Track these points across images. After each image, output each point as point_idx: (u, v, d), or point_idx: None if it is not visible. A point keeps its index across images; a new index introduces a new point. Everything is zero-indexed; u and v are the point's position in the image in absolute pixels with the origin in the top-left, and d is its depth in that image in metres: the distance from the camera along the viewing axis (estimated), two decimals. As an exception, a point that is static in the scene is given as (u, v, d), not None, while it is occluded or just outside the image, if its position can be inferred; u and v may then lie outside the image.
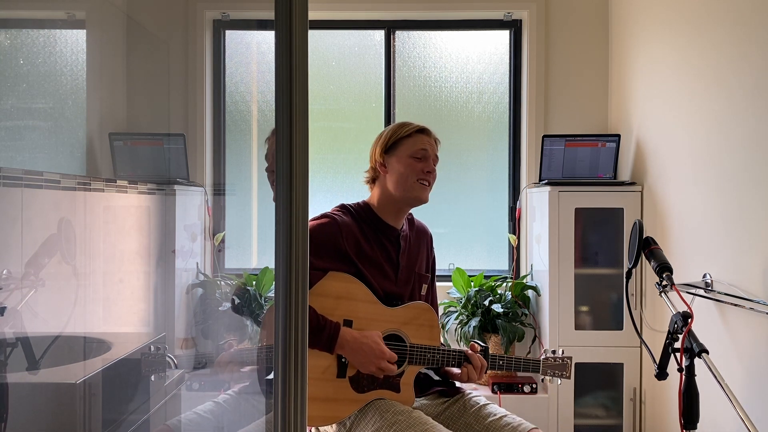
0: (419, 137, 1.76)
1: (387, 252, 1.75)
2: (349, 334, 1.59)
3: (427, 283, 1.87)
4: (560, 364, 1.81)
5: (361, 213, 1.77)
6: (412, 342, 1.70)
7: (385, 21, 3.16)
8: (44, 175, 1.50)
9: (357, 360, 1.60)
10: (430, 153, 1.76)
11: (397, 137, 1.75)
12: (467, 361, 1.73)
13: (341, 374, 1.62)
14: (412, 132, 1.76)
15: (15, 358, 1.35)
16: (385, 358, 1.60)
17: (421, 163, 1.74)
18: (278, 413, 0.70)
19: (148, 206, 2.10)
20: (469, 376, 1.72)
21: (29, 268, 1.41)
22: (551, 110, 3.06)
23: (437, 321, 1.76)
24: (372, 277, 1.69)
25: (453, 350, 1.74)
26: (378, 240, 1.74)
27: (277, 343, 0.70)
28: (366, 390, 1.64)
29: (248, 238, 2.79)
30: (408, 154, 1.74)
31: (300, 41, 0.70)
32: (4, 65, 1.62)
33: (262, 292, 2.68)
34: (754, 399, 1.81)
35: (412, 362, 1.69)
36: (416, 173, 1.73)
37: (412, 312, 1.73)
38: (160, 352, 1.51)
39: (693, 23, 2.24)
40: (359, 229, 1.72)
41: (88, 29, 1.90)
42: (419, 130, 1.77)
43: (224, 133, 3.10)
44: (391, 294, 1.74)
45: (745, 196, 1.88)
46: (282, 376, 0.70)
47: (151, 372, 1.50)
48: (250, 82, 3.16)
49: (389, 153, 1.75)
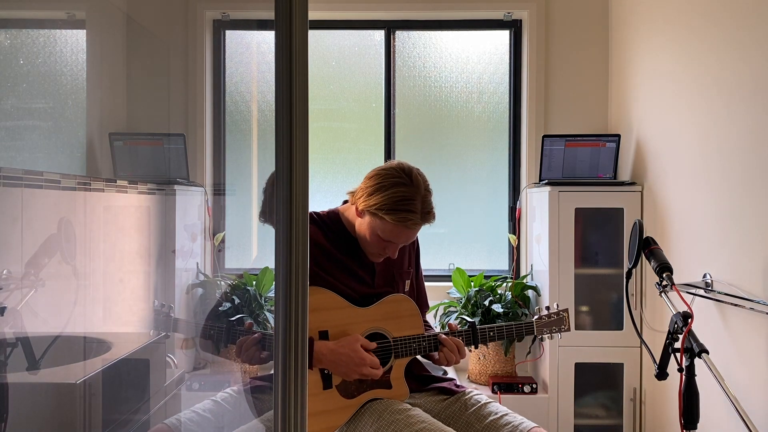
0: (401, 230, 1.55)
1: (359, 259, 1.70)
2: (324, 347, 1.54)
3: (410, 279, 1.81)
4: (556, 319, 1.74)
5: (328, 223, 1.70)
6: (395, 336, 1.67)
7: (385, 21, 3.16)
8: (44, 175, 1.50)
9: (338, 371, 1.56)
10: (401, 243, 1.61)
11: (381, 214, 1.54)
12: (442, 345, 1.67)
13: (327, 385, 1.59)
14: (399, 224, 1.54)
15: (15, 358, 1.35)
16: (366, 364, 1.55)
17: (385, 244, 1.60)
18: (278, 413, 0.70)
19: (148, 206, 2.10)
20: (447, 359, 1.67)
21: (29, 268, 1.41)
22: (551, 110, 3.06)
23: (416, 308, 1.71)
24: (342, 283, 1.65)
25: (430, 336, 1.69)
26: (348, 247, 1.69)
27: (277, 343, 0.70)
28: (357, 394, 1.62)
29: (248, 238, 2.79)
30: (379, 231, 1.57)
31: (300, 41, 0.70)
32: (4, 65, 1.62)
33: (262, 292, 2.68)
34: (754, 399, 1.81)
35: (398, 355, 1.66)
36: (378, 248, 1.62)
37: (388, 306, 1.68)
38: (164, 310, 1.51)
39: (693, 23, 2.24)
40: (325, 237, 1.67)
41: (88, 29, 1.90)
42: (407, 226, 1.55)
43: (224, 133, 3.10)
44: (369, 295, 1.70)
45: (745, 196, 1.88)
46: (282, 376, 0.70)
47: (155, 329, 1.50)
48: (250, 82, 3.16)
49: (367, 212, 1.58)
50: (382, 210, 1.53)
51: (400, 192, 1.54)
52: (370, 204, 1.56)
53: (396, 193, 1.53)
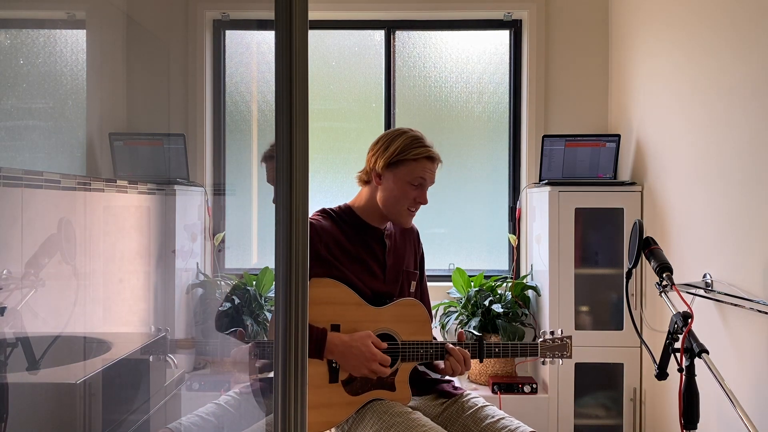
0: (425, 164, 1.69)
1: (372, 251, 1.74)
2: (337, 339, 1.58)
3: (416, 280, 1.85)
4: (559, 344, 1.77)
5: (342, 216, 1.75)
6: (404, 339, 1.69)
7: (385, 21, 3.16)
8: (44, 175, 1.50)
9: (348, 364, 1.59)
10: (428, 182, 1.72)
11: (403, 157, 1.68)
12: (449, 355, 1.70)
13: (333, 379, 1.61)
14: (421, 158, 1.69)
15: (15, 358, 1.35)
16: (377, 360, 1.58)
17: (416, 191, 1.70)
18: (278, 414, 0.70)
19: (148, 206, 2.10)
20: (453, 369, 1.69)
21: (29, 268, 1.40)
22: (551, 110, 3.06)
23: (427, 315, 1.75)
24: (358, 278, 1.68)
25: (439, 344, 1.71)
26: (362, 240, 1.73)
27: (277, 343, 0.70)
28: (360, 392, 1.63)
29: (248, 238, 2.79)
30: (407, 179, 1.69)
31: (300, 41, 0.70)
32: (4, 65, 1.62)
33: (262, 292, 2.68)
34: (754, 399, 1.81)
35: (405, 359, 1.68)
36: (408, 201, 1.70)
37: (401, 309, 1.71)
38: (159, 332, 1.52)
39: (693, 23, 2.24)
40: (341, 231, 1.71)
41: (88, 29, 1.90)
42: (429, 158, 1.70)
43: (224, 133, 3.10)
44: (380, 293, 1.73)
45: (745, 195, 1.88)
46: (282, 376, 0.70)
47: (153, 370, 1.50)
48: (250, 82, 3.16)
49: (389, 168, 1.70)
50: (403, 152, 1.68)
51: (409, 137, 1.71)
52: (390, 154, 1.69)
53: (406, 138, 1.71)
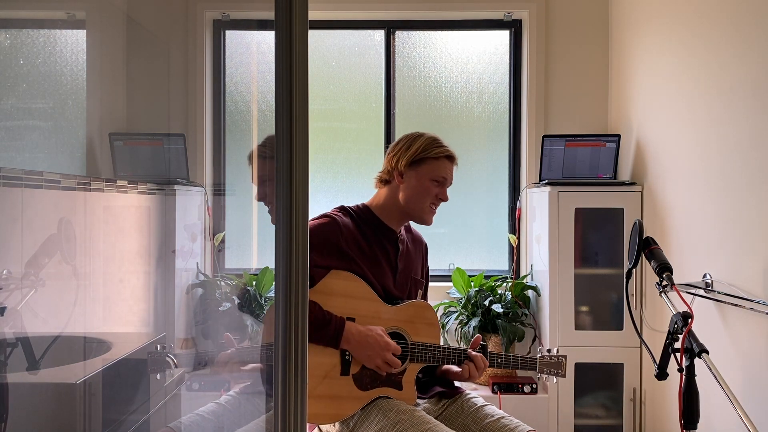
0: (446, 163, 1.77)
1: (386, 253, 1.78)
2: (354, 329, 1.62)
3: (422, 290, 1.90)
4: (555, 362, 1.84)
5: (360, 215, 1.79)
6: (414, 340, 1.72)
7: (385, 21, 3.16)
8: (44, 175, 1.50)
9: (363, 354, 1.62)
10: (449, 181, 1.79)
11: (425, 155, 1.75)
12: (469, 360, 1.74)
13: (345, 372, 1.64)
14: (442, 156, 1.76)
15: (15, 358, 1.35)
16: (390, 349, 1.63)
17: (438, 188, 1.77)
18: (278, 412, 0.70)
19: (148, 206, 2.10)
20: (471, 374, 1.73)
21: (29, 268, 1.41)
22: (551, 110, 3.06)
23: (437, 320, 1.79)
24: (372, 276, 1.71)
25: (454, 348, 1.76)
26: (378, 241, 1.77)
27: (277, 342, 0.70)
28: (369, 388, 1.66)
29: (248, 238, 2.78)
30: (430, 177, 1.75)
31: (300, 41, 0.70)
32: (4, 65, 1.62)
33: (262, 292, 2.68)
34: (754, 399, 1.81)
35: (413, 359, 1.71)
36: (431, 197, 1.77)
37: (412, 310, 1.75)
38: (164, 351, 1.52)
39: (693, 23, 2.24)
40: (358, 230, 1.75)
41: (88, 29, 1.90)
42: (448, 157, 1.77)
43: (224, 133, 3.10)
44: (390, 294, 1.76)
45: (745, 196, 1.88)
46: (282, 375, 0.70)
47: (152, 371, 1.50)
48: (250, 82, 3.16)
49: (412, 167, 1.76)
50: (425, 151, 1.75)
51: (429, 137, 1.79)
52: (412, 153, 1.76)
53: (426, 139, 1.78)
